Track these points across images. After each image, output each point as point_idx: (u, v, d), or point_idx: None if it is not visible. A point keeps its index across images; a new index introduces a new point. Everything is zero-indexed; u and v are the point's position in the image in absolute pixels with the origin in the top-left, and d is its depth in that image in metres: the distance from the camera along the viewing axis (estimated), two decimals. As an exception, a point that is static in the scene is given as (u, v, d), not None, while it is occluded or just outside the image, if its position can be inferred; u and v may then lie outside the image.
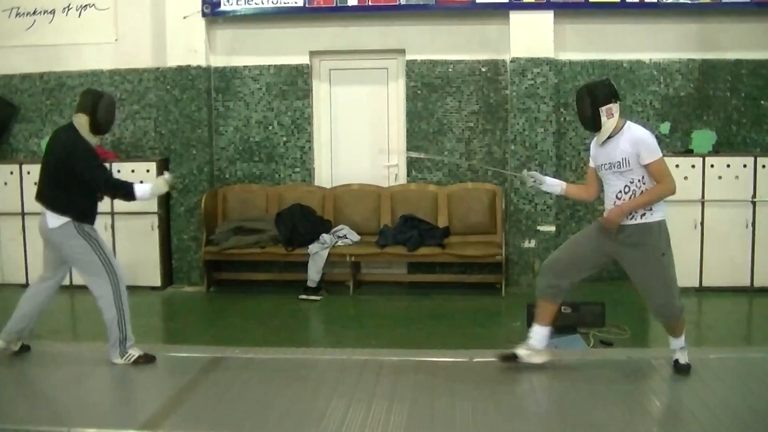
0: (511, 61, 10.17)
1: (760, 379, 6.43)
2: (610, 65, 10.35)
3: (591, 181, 6.55)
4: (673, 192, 6.16)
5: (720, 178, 9.72)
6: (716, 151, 10.13)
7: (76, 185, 6.59)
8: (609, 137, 6.13)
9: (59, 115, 11.08)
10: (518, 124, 10.14)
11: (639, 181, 6.07)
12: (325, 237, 9.95)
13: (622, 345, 7.59)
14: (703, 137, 10.27)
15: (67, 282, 7.18)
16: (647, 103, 10.36)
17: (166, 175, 7.07)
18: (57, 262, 6.88)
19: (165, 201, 10.57)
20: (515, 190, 10.14)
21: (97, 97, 6.75)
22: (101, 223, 10.23)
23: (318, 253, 9.80)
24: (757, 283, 9.79)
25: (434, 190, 10.50)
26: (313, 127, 10.88)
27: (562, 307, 7.85)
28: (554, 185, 6.58)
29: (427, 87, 10.59)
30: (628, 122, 6.18)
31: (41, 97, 11.19)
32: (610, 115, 6.07)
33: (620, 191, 6.14)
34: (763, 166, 9.68)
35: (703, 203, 9.74)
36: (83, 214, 6.71)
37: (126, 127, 11.02)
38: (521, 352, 6.60)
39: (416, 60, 10.59)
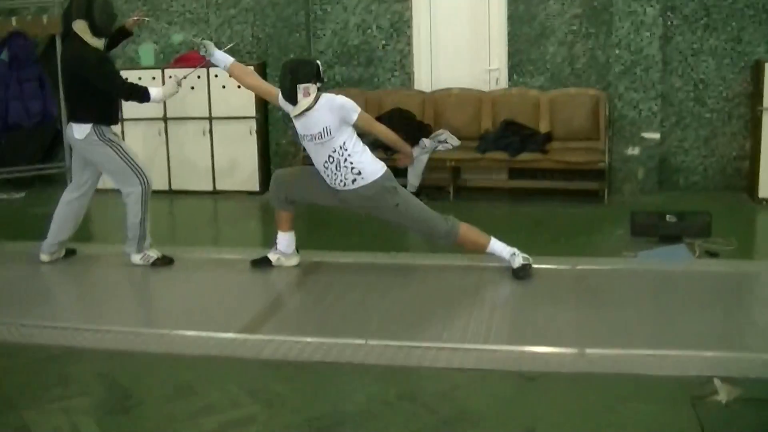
0: (617, -38, 9.83)
1: None
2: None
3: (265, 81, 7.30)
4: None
5: None
6: None
7: (93, 91, 6.71)
8: (305, 110, 6.31)
9: (156, 21, 11.04)
10: (623, 27, 9.77)
11: (340, 148, 6.29)
12: (425, 142, 9.83)
13: (729, 257, 7.32)
14: None
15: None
16: None
17: (179, 75, 7.38)
18: (83, 168, 7.09)
19: (263, 106, 10.53)
20: (619, 96, 9.85)
21: None
22: (199, 129, 10.42)
23: (418, 158, 9.67)
24: None
25: (536, 95, 10.24)
26: (412, 31, 10.67)
27: (667, 216, 7.70)
28: (220, 59, 6.89)
29: (529, -11, 10.31)
30: (323, 94, 6.35)
31: (137, 3, 11.17)
32: (306, 94, 6.27)
33: (326, 161, 6.36)
34: None
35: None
36: (103, 116, 6.86)
37: (222, 32, 10.98)
38: (272, 257, 6.96)
39: (519, -39, 10.29)
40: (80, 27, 6.70)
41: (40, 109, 10.77)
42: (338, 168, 6.35)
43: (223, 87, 10.30)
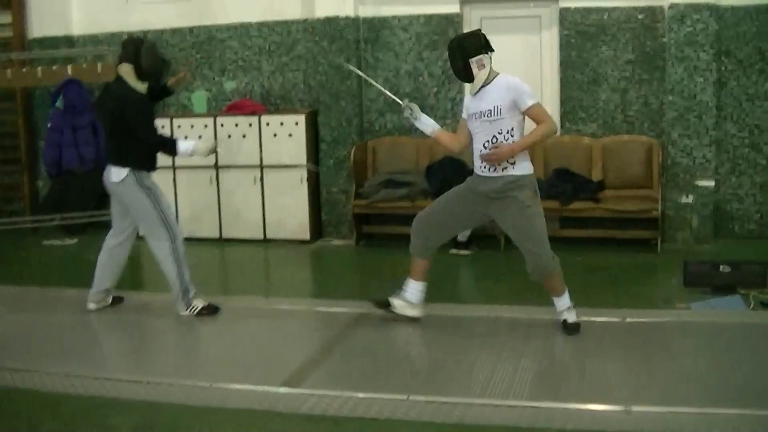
0: (669, 8, 9.65)
1: None
2: (780, 10, 9.75)
3: (460, 132, 6.61)
4: (555, 131, 6.38)
5: None
6: None
7: (134, 134, 6.79)
8: (482, 87, 6.19)
9: (209, 68, 11.19)
10: (676, 73, 9.64)
11: (507, 132, 6.13)
12: (475, 190, 9.76)
13: (786, 308, 7.16)
14: None
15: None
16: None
17: (218, 146, 7.81)
18: (123, 213, 7.14)
19: (314, 154, 10.55)
20: (673, 143, 9.70)
21: (138, 43, 6.91)
22: (250, 177, 10.44)
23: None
24: None
25: (588, 143, 10.15)
26: (463, 78, 10.66)
27: (721, 266, 7.53)
28: (427, 124, 6.63)
29: (581, 35, 10.21)
30: (501, 73, 6.23)
31: (191, 51, 11.27)
32: (481, 66, 6.13)
33: (487, 141, 6.19)
34: None
35: None
36: (142, 161, 6.92)
37: (275, 79, 11.04)
38: (396, 302, 6.75)
39: (570, 7, 10.19)
40: (126, 70, 6.83)
41: (93, 155, 10.87)
42: (520, 139, 6.20)
43: (275, 135, 10.35)
